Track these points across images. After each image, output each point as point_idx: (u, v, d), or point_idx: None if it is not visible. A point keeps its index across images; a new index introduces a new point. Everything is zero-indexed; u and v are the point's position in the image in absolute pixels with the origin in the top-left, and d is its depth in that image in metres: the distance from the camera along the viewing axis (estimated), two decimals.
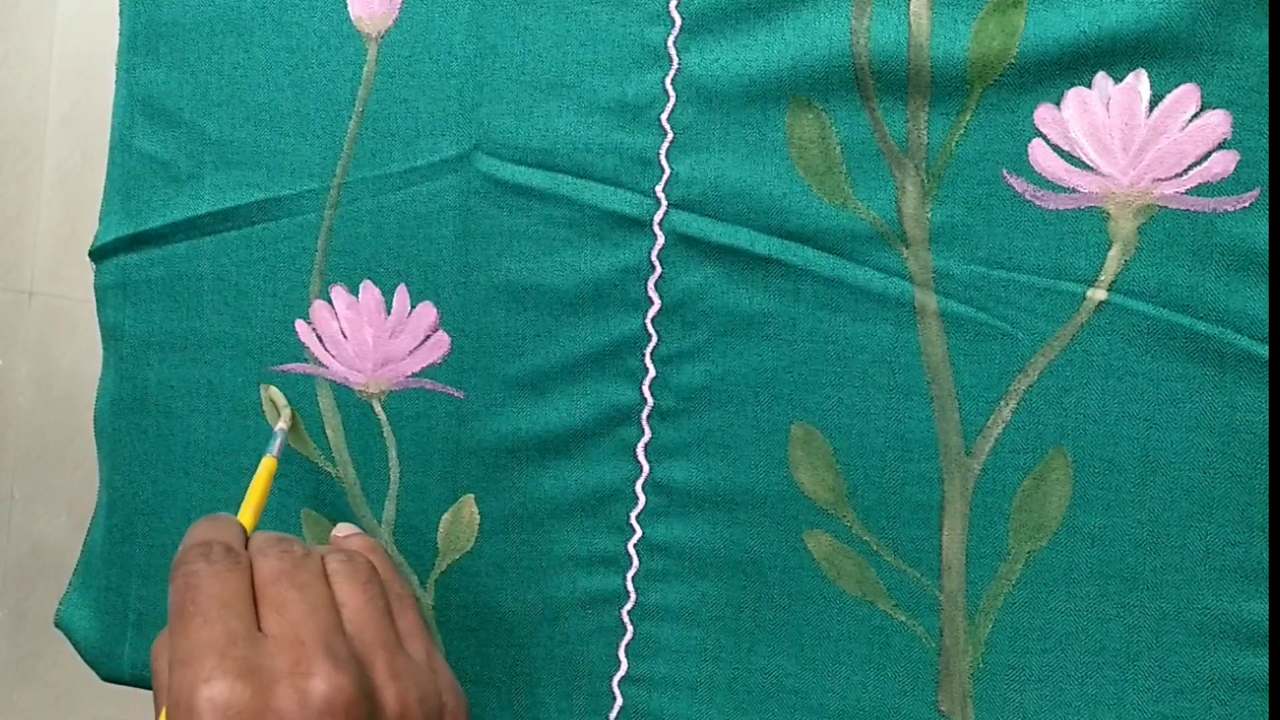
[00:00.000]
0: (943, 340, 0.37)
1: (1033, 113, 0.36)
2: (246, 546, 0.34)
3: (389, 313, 0.42)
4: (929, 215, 0.37)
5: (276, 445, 0.42)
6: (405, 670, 0.32)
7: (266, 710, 0.28)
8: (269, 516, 0.44)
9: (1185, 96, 0.35)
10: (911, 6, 0.36)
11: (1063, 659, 0.37)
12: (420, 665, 0.33)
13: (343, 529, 0.40)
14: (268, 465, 0.41)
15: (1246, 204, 0.35)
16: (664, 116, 0.39)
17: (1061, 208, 0.36)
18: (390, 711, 0.31)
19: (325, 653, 0.30)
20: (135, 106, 0.46)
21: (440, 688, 0.33)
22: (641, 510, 0.40)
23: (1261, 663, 0.35)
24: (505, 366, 0.41)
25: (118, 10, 0.46)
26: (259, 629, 0.31)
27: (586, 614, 0.41)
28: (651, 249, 0.40)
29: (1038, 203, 0.36)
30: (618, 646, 0.41)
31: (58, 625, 0.49)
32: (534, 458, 0.41)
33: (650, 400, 0.40)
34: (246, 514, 0.39)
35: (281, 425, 0.43)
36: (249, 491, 0.40)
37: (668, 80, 0.39)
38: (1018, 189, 0.36)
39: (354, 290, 0.43)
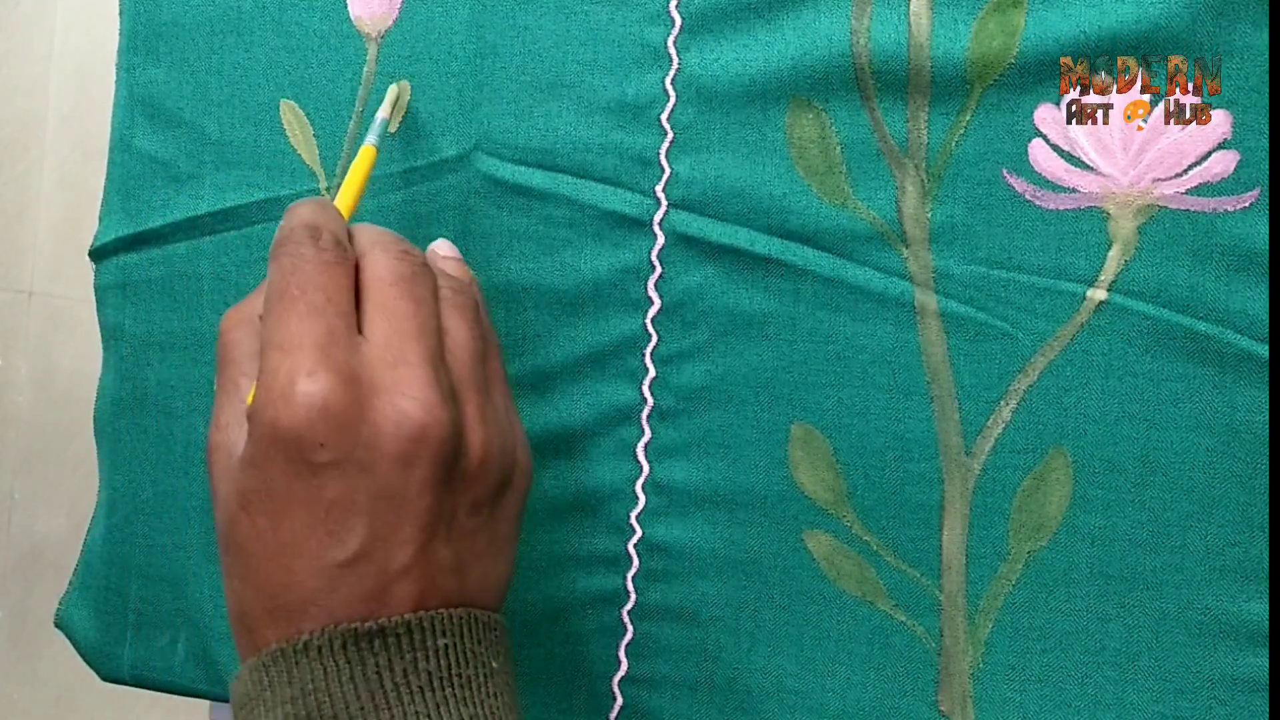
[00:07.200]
0: (943, 340, 0.37)
1: (1033, 113, 0.36)
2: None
3: None
4: (929, 215, 0.37)
5: (376, 131, 0.38)
6: (492, 418, 0.30)
7: (361, 421, 0.27)
8: None
9: None
10: (911, 6, 0.36)
11: (1063, 659, 0.37)
12: (502, 415, 0.31)
13: (443, 247, 0.36)
14: (366, 154, 0.37)
15: (1246, 204, 0.35)
16: (664, 116, 0.39)
17: (1061, 208, 0.36)
18: (473, 455, 0.29)
19: (431, 380, 0.28)
20: (135, 106, 0.46)
21: (515, 442, 0.32)
22: (641, 510, 0.40)
23: (1261, 663, 0.35)
24: (505, 366, 0.41)
25: (118, 10, 0.46)
26: (359, 331, 0.28)
27: (586, 614, 0.41)
28: (651, 249, 0.40)
29: (1038, 203, 0.36)
30: (618, 646, 0.41)
31: (58, 625, 0.49)
32: (534, 458, 0.41)
33: (650, 400, 0.40)
34: (343, 203, 0.35)
35: (383, 113, 0.38)
36: (346, 180, 0.36)
37: (668, 80, 0.39)
38: (1018, 189, 0.36)
39: None
